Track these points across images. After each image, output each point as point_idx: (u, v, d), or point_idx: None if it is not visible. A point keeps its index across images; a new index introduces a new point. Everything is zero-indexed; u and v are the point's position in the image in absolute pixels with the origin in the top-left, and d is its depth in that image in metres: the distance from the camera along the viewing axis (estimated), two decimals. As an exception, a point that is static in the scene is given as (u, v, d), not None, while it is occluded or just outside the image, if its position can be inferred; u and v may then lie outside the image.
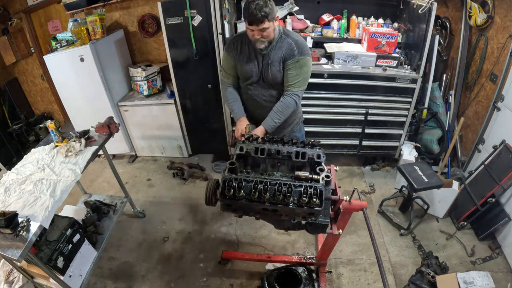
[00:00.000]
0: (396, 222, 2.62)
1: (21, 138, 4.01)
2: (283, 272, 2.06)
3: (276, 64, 1.85)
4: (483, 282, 1.93)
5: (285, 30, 1.88)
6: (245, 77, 1.98)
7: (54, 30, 3.60)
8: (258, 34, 1.72)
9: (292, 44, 1.82)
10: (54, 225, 1.90)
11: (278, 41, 1.83)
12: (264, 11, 1.63)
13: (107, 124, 2.26)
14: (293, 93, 1.89)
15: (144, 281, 2.32)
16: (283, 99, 1.91)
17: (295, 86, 1.88)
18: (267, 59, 1.86)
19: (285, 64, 1.84)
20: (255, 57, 1.89)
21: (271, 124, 1.92)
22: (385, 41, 2.72)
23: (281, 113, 1.91)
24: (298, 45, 1.82)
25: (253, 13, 1.63)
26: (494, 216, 2.36)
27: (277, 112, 1.92)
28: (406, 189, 2.62)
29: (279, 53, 1.83)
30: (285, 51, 1.82)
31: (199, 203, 2.97)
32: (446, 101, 3.09)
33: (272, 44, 1.82)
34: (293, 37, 1.85)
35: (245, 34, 1.88)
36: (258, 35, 1.73)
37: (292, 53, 1.81)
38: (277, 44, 1.83)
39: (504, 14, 2.42)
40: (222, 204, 1.38)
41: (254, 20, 1.66)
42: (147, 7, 3.33)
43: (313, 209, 1.29)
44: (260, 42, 1.77)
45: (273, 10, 1.68)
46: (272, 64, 1.86)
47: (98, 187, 3.33)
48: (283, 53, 1.83)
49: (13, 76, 4.17)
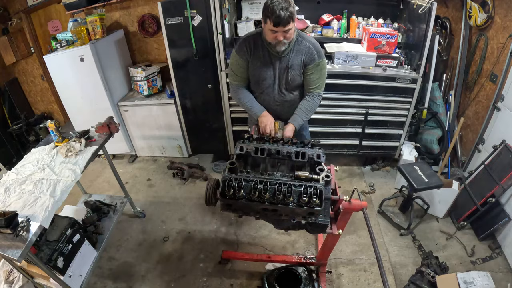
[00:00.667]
0: (396, 222, 2.61)
1: (21, 138, 4.01)
2: (283, 272, 2.05)
3: (296, 68, 1.85)
4: (483, 282, 1.94)
5: (299, 31, 1.85)
6: (257, 81, 1.94)
7: (54, 30, 3.60)
8: (282, 35, 1.68)
9: (310, 48, 1.82)
10: (54, 225, 1.90)
11: (295, 44, 1.80)
12: (290, 11, 1.60)
13: (107, 124, 2.26)
14: (318, 94, 1.94)
15: (144, 281, 2.32)
16: (310, 99, 1.94)
17: (319, 88, 1.93)
18: (285, 62, 1.83)
19: (306, 68, 1.86)
20: (270, 61, 1.85)
21: (300, 122, 1.95)
22: (385, 41, 2.72)
23: (309, 111, 1.95)
24: (316, 49, 1.83)
25: (280, 14, 1.58)
26: (494, 216, 2.36)
27: (305, 111, 1.94)
28: (406, 189, 2.62)
29: (298, 57, 1.81)
30: (305, 56, 1.82)
31: (199, 203, 2.97)
32: (446, 101, 3.09)
33: (290, 46, 1.79)
34: (309, 39, 1.85)
35: (256, 36, 1.84)
36: (282, 37, 1.68)
37: (312, 57, 1.83)
38: (295, 47, 1.80)
39: (504, 14, 2.42)
40: (222, 204, 1.38)
41: (281, 21, 1.61)
42: (147, 7, 3.33)
43: (313, 209, 1.29)
44: (281, 44, 1.73)
45: (295, 9, 1.67)
46: (292, 68, 1.84)
47: (98, 187, 3.33)
48: (303, 57, 1.82)
49: (13, 76, 4.17)
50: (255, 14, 3.08)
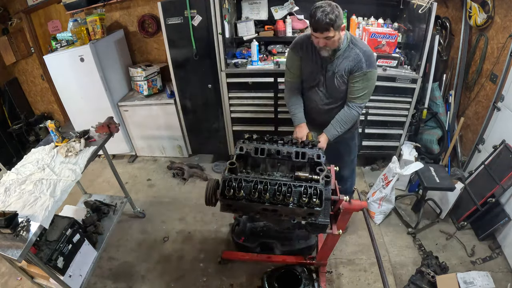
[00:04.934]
0: (406, 220, 2.65)
1: (21, 138, 4.02)
2: (283, 272, 2.05)
3: (341, 75, 1.80)
4: (483, 282, 1.94)
5: (353, 38, 1.80)
6: (307, 80, 1.94)
7: (54, 30, 3.61)
8: (322, 42, 1.66)
9: (359, 55, 1.74)
10: (54, 225, 1.90)
11: (346, 50, 1.76)
12: (330, 18, 1.56)
13: (107, 124, 2.26)
14: (358, 105, 1.86)
15: (144, 281, 2.32)
16: (347, 110, 1.89)
17: (360, 99, 1.84)
18: (333, 67, 1.80)
19: (351, 76, 1.78)
20: (319, 63, 1.83)
21: (334, 133, 1.91)
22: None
23: (345, 123, 1.90)
24: (366, 57, 1.74)
25: (319, 20, 1.57)
26: (494, 216, 2.36)
27: (340, 122, 1.90)
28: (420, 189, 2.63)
29: (345, 64, 1.77)
30: (352, 63, 1.75)
31: (199, 203, 2.97)
32: (446, 101, 3.09)
33: (339, 52, 1.76)
34: (361, 47, 1.77)
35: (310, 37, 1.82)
36: (322, 43, 1.67)
37: (360, 65, 1.74)
38: (344, 53, 1.76)
39: (504, 14, 2.42)
40: (222, 204, 1.38)
41: (319, 28, 1.59)
42: (147, 7, 3.33)
43: (313, 209, 1.29)
44: (324, 50, 1.71)
45: (339, 18, 1.60)
46: (337, 74, 1.80)
47: (98, 187, 3.33)
48: (350, 64, 1.76)
49: (13, 76, 4.17)
50: (255, 14, 3.08)
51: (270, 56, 2.98)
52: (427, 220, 2.65)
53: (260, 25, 3.07)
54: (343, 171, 2.36)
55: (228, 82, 2.87)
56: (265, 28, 3.03)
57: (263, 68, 2.81)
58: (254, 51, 2.80)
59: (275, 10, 3.02)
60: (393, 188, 2.52)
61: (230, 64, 2.87)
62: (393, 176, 2.49)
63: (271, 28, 3.01)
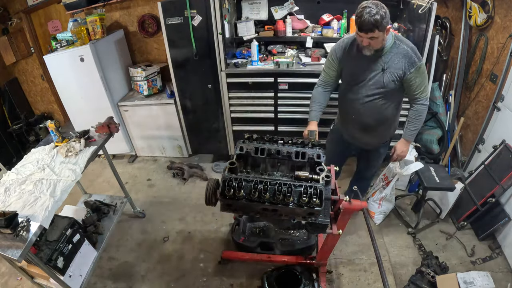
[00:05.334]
0: (406, 220, 2.65)
1: (21, 138, 4.01)
2: (283, 272, 2.06)
3: (393, 71, 1.78)
4: (483, 282, 1.94)
5: (398, 36, 1.81)
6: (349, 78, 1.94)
7: (54, 30, 3.61)
8: (366, 41, 1.68)
9: (409, 52, 1.75)
10: (54, 225, 1.90)
11: (393, 47, 1.76)
12: (375, 19, 1.57)
13: (107, 124, 2.26)
14: (425, 98, 1.89)
15: (144, 281, 2.32)
16: (416, 108, 1.92)
17: (424, 91, 1.87)
18: (381, 64, 1.79)
19: (408, 74, 1.77)
20: (365, 60, 1.82)
21: (409, 134, 2.02)
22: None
23: (420, 120, 1.95)
24: (414, 52, 1.76)
25: (364, 21, 1.58)
26: (494, 216, 2.36)
27: (411, 121, 1.97)
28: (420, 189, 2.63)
29: (397, 60, 1.76)
30: (404, 59, 1.75)
31: (199, 203, 2.97)
32: (446, 101, 3.09)
33: (386, 49, 1.76)
34: (407, 43, 1.78)
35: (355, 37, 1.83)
36: (366, 43, 1.68)
37: (412, 61, 1.75)
38: (392, 50, 1.76)
39: (504, 14, 2.42)
40: (222, 204, 1.38)
41: (364, 28, 1.61)
42: (147, 7, 3.33)
43: (313, 209, 1.29)
44: (366, 49, 1.73)
45: (385, 19, 1.60)
46: (388, 71, 1.79)
47: (98, 187, 3.33)
48: (402, 61, 1.75)
49: (13, 76, 4.17)
50: (255, 14, 3.08)
51: (270, 56, 2.98)
52: (427, 220, 2.65)
53: (260, 25, 3.07)
54: (366, 173, 2.46)
55: (228, 82, 2.87)
56: (265, 28, 3.03)
57: (263, 68, 2.81)
58: (254, 51, 2.80)
59: (275, 10, 3.02)
60: (393, 188, 2.52)
61: (230, 64, 2.87)
62: (393, 176, 2.50)
63: (271, 28, 3.01)
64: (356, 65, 1.88)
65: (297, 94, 2.81)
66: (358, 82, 1.90)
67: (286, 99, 2.88)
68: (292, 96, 2.85)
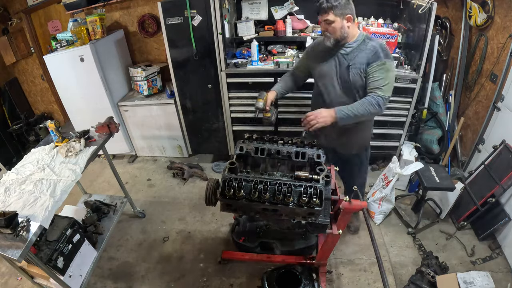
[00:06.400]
0: (406, 220, 2.65)
1: (21, 138, 4.01)
2: (283, 272, 2.05)
3: (358, 67, 1.77)
4: (483, 282, 1.93)
5: (368, 35, 1.83)
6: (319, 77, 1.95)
7: (54, 30, 3.60)
8: (323, 26, 1.72)
9: (376, 47, 1.75)
10: (54, 225, 1.90)
11: (361, 44, 1.78)
12: (330, 2, 1.63)
13: (107, 124, 2.26)
14: (378, 95, 1.71)
15: (144, 281, 2.32)
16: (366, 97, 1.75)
17: (381, 90, 1.72)
18: (347, 61, 1.80)
19: (369, 67, 1.74)
20: (333, 58, 1.84)
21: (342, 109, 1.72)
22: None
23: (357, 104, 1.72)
24: (382, 48, 1.75)
25: (319, 1, 1.66)
26: (494, 216, 2.36)
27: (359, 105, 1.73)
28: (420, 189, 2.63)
29: (361, 56, 1.77)
30: (369, 54, 1.75)
31: (199, 203, 2.97)
32: (446, 101, 3.09)
33: (354, 45, 1.78)
34: (377, 41, 1.81)
35: None
36: (324, 28, 1.72)
37: (378, 55, 1.73)
38: (360, 47, 1.78)
39: (504, 14, 2.42)
40: (222, 204, 1.38)
41: (319, 9, 1.68)
42: (147, 7, 3.33)
43: (313, 209, 1.29)
44: (326, 37, 1.76)
45: (342, 6, 1.65)
46: (353, 67, 1.78)
47: (98, 187, 3.33)
48: (367, 56, 1.75)
49: (13, 76, 4.17)
50: (255, 14, 3.08)
51: (270, 56, 2.98)
52: (427, 220, 2.65)
53: (260, 25, 3.07)
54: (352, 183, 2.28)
55: (228, 82, 2.87)
56: (265, 28, 3.03)
57: (263, 68, 2.81)
58: (254, 51, 2.80)
59: (275, 10, 3.03)
60: (393, 188, 2.52)
61: (230, 64, 2.87)
62: (393, 176, 2.49)
63: (271, 28, 3.01)
64: (323, 63, 1.90)
65: (297, 94, 2.81)
66: (326, 80, 1.91)
67: (286, 99, 2.87)
68: (292, 96, 2.84)
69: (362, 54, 1.77)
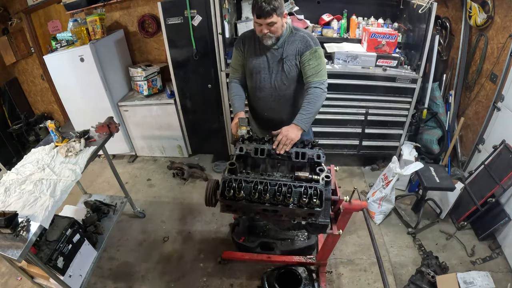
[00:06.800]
0: (406, 220, 2.65)
1: (21, 138, 4.01)
2: (283, 272, 2.06)
3: (291, 58, 1.80)
4: (483, 282, 1.94)
5: (294, 26, 1.86)
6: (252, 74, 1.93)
7: (54, 30, 3.60)
8: (266, 28, 1.70)
9: (305, 37, 1.79)
10: (54, 225, 1.90)
11: (290, 36, 1.80)
12: (273, 5, 1.62)
13: (107, 124, 2.26)
14: (319, 82, 1.76)
15: (144, 281, 2.32)
16: (310, 91, 1.76)
17: (319, 76, 1.77)
18: (279, 54, 1.81)
19: (303, 56, 1.79)
20: (264, 53, 1.85)
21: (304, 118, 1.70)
22: (385, 41, 2.72)
23: (313, 103, 1.73)
24: (311, 37, 1.80)
25: (262, 6, 1.62)
26: (494, 216, 2.36)
27: (305, 106, 1.73)
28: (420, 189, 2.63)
29: (293, 47, 1.80)
30: (300, 44, 1.78)
31: (199, 203, 2.97)
32: (446, 101, 3.09)
33: (282, 39, 1.79)
34: (304, 31, 1.84)
35: (253, 31, 1.85)
36: (266, 30, 1.70)
37: (308, 44, 1.78)
38: (289, 38, 1.80)
39: (504, 14, 2.42)
40: (222, 205, 1.38)
41: (262, 13, 1.64)
42: (147, 7, 3.33)
43: (313, 210, 1.29)
44: (267, 38, 1.74)
45: (282, 5, 1.67)
46: (287, 59, 1.81)
47: (98, 187, 3.33)
48: (297, 46, 1.79)
49: (13, 76, 4.17)
50: (255, 14, 3.07)
51: (270, 56, 2.98)
52: (427, 220, 2.65)
53: (260, 25, 3.07)
54: None
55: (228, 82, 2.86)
56: (265, 28, 3.02)
57: (263, 68, 2.80)
58: (254, 51, 2.79)
59: (275, 10, 3.02)
60: (393, 188, 2.52)
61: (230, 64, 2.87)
62: (393, 176, 2.50)
63: (271, 28, 3.00)
64: (257, 59, 1.88)
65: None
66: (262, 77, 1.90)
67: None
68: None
69: (293, 46, 1.80)
